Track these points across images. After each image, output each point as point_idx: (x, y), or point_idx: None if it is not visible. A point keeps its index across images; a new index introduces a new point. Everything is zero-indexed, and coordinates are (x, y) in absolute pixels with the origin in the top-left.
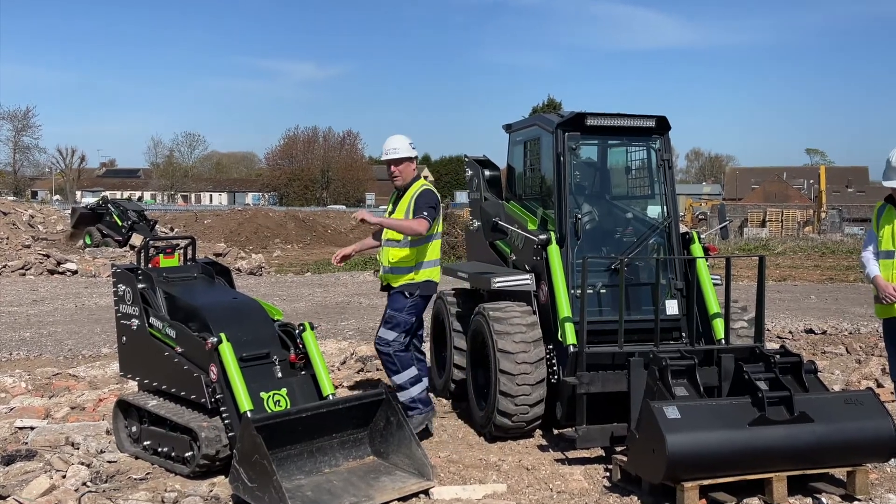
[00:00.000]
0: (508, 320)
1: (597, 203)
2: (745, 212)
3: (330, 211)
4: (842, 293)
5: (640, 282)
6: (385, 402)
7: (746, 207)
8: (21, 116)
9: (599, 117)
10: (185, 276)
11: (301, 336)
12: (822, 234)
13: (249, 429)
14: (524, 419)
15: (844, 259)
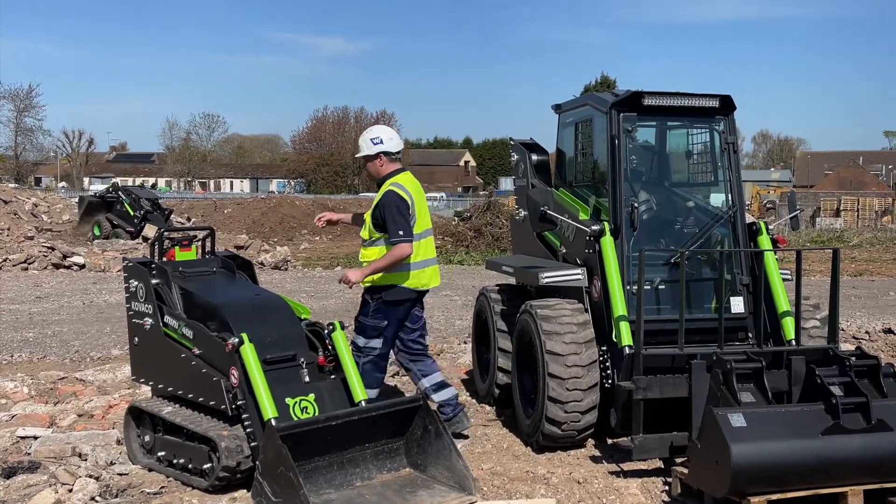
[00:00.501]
0: (558, 319)
1: (655, 190)
2: (818, 200)
3: (362, 199)
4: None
5: (703, 277)
6: (422, 408)
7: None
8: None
9: (658, 96)
10: (204, 270)
11: (330, 336)
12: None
13: (274, 438)
14: (575, 427)
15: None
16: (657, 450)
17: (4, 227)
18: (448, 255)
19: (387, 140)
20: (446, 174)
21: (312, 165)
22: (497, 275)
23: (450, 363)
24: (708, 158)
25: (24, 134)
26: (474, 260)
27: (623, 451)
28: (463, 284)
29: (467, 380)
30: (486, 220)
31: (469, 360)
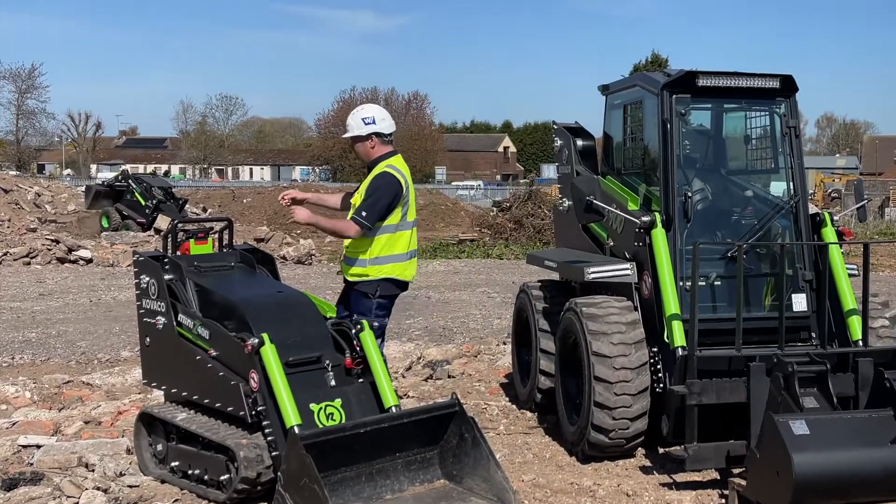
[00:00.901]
0: (605, 318)
1: (710, 178)
2: (887, 189)
3: None
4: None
5: (762, 272)
6: (458, 414)
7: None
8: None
9: (713, 76)
10: (221, 265)
11: (358, 337)
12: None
13: (297, 447)
14: (623, 435)
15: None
16: (712, 460)
17: (5, 218)
18: (486, 249)
19: (379, 120)
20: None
21: (339, 151)
22: (539, 270)
23: (488, 366)
24: (768, 144)
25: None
26: (514, 254)
27: (675, 462)
28: (502, 280)
29: (507, 384)
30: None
31: (508, 362)
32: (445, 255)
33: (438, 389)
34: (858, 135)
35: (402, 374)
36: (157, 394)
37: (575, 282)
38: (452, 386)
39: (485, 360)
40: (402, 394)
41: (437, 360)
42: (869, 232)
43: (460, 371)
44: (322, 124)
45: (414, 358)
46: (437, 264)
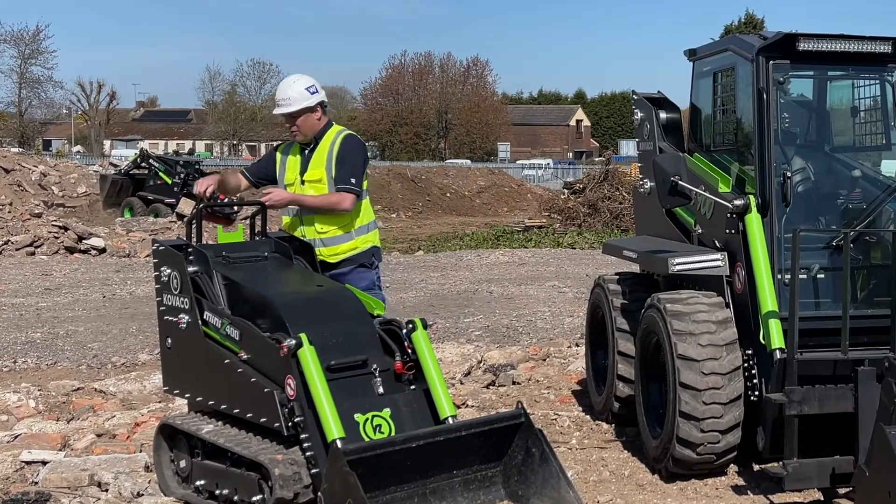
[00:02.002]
0: (692, 316)
1: (812, 156)
2: None
3: (449, 167)
4: None
5: (872, 263)
6: (524, 426)
7: None
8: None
9: (816, 39)
10: (253, 255)
11: (410, 338)
12: None
13: (340, 463)
14: (713, 450)
15: None
16: (815, 478)
17: (6, 201)
18: (557, 237)
19: (320, 89)
20: (554, 136)
21: (387, 125)
22: (617, 261)
23: (558, 371)
24: (878, 116)
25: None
26: (588, 242)
27: (773, 480)
28: (574, 273)
29: (580, 391)
30: (603, 193)
31: (582, 366)
32: (510, 244)
33: (501, 398)
34: None
35: (459, 380)
36: (180, 402)
37: (658, 274)
38: (518, 394)
39: (554, 365)
40: (460, 403)
41: (500, 364)
42: None
43: (526, 377)
44: (368, 95)
45: (474, 362)
46: (499, 254)
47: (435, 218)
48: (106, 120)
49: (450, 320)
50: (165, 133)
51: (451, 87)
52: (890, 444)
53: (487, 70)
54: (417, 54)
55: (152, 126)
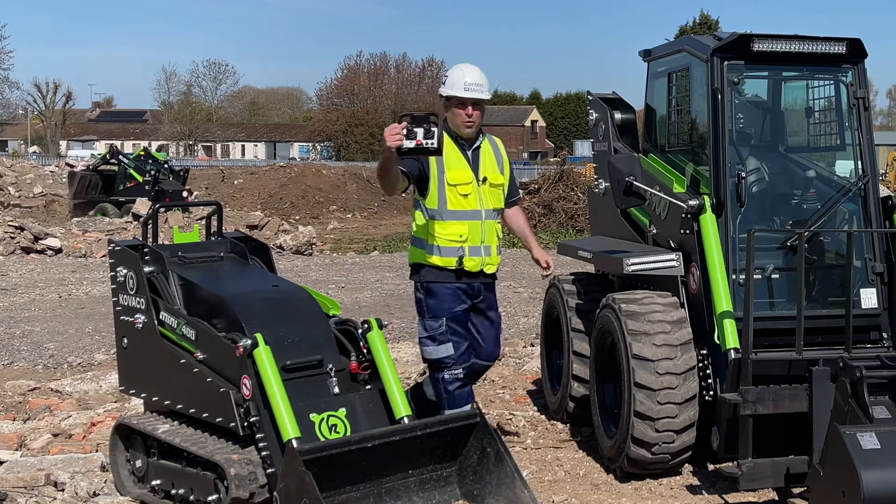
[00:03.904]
0: (647, 316)
1: (767, 157)
2: None
3: None
4: None
5: (826, 264)
6: (479, 426)
7: None
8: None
9: (770, 40)
10: (209, 255)
11: (365, 337)
12: None
13: (296, 463)
14: (668, 450)
15: None
16: (770, 478)
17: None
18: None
19: None
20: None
21: (343, 126)
22: (572, 261)
23: (513, 370)
24: (832, 117)
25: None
26: (544, 243)
27: (728, 480)
28: (529, 273)
29: (535, 391)
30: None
31: (537, 366)
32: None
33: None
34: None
35: (415, 379)
36: (136, 402)
37: (613, 275)
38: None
39: (510, 365)
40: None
41: None
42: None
43: (482, 377)
44: (324, 95)
45: None
46: None
47: (390, 218)
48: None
49: (405, 320)
50: (121, 133)
51: (406, 87)
52: (844, 443)
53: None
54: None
55: (108, 126)
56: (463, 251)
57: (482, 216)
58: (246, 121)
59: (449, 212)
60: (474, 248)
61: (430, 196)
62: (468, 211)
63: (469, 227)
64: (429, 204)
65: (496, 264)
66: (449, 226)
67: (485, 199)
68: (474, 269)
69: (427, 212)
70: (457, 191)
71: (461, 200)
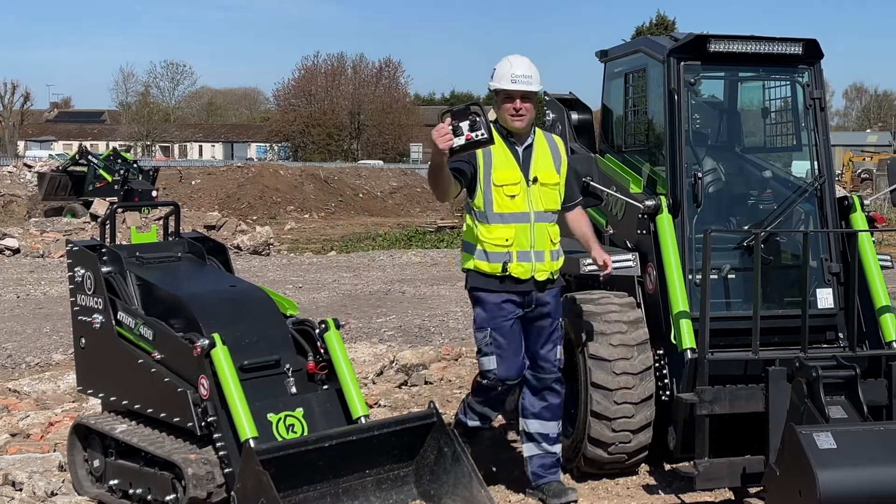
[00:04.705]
0: (603, 316)
1: (723, 157)
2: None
3: (362, 168)
4: None
5: (782, 264)
6: (436, 426)
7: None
8: None
9: (726, 41)
10: (166, 256)
11: (323, 337)
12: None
13: (253, 463)
14: (625, 450)
15: None
16: (726, 477)
17: None
18: None
19: None
20: None
21: (300, 126)
22: None
23: (470, 370)
24: (789, 117)
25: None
26: None
27: (684, 479)
28: None
29: None
30: None
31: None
32: (422, 245)
33: (414, 397)
34: (892, 107)
35: (372, 379)
36: (94, 402)
37: (569, 275)
38: (430, 393)
39: (467, 365)
40: (373, 402)
41: (413, 363)
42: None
43: (439, 377)
44: (281, 96)
45: (386, 361)
46: (412, 255)
47: (348, 218)
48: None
49: (362, 320)
50: (79, 134)
51: (363, 88)
52: (800, 443)
53: (400, 71)
54: (330, 55)
55: (66, 127)
56: (509, 256)
57: (531, 219)
58: (203, 121)
59: (495, 214)
60: (523, 252)
61: (477, 197)
62: (516, 213)
63: (517, 231)
64: (475, 205)
65: (550, 270)
66: (495, 229)
67: (535, 201)
68: (523, 277)
69: (474, 213)
70: (503, 191)
71: (508, 202)
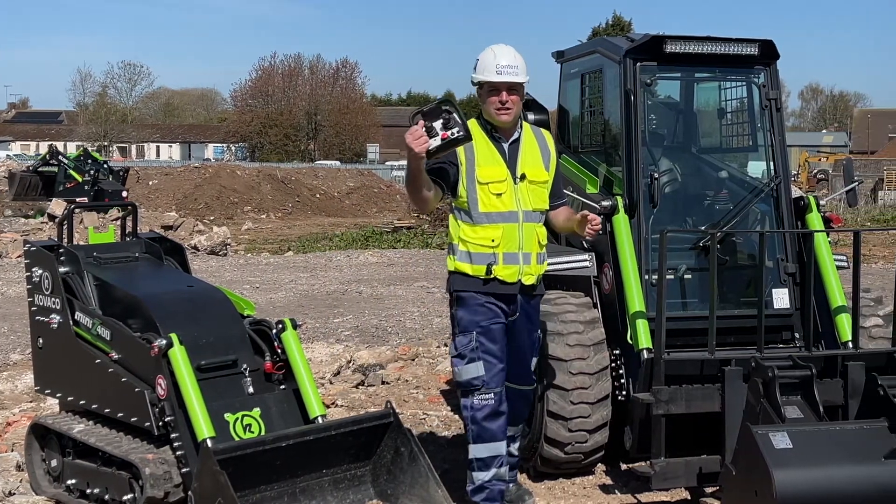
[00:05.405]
0: (560, 316)
1: (679, 158)
2: (880, 169)
3: (319, 168)
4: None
5: (738, 264)
6: (393, 426)
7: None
8: None
9: (682, 42)
10: (124, 256)
11: (280, 338)
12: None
13: (210, 462)
14: (581, 449)
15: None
16: (682, 477)
17: None
18: (426, 238)
19: None
20: None
21: (257, 127)
22: None
23: (427, 370)
24: (745, 118)
25: None
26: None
27: (640, 479)
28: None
29: (448, 391)
30: None
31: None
32: (379, 245)
33: (371, 397)
34: (848, 108)
35: (329, 379)
36: (52, 402)
37: None
38: (387, 393)
39: (423, 365)
40: (330, 402)
41: (370, 363)
42: (860, 218)
43: (395, 377)
44: (238, 96)
45: (343, 361)
46: (369, 255)
47: (305, 219)
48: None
49: (319, 320)
50: (37, 134)
51: (320, 88)
52: (756, 443)
53: (357, 72)
54: (287, 56)
55: (23, 127)
56: (495, 258)
57: (519, 218)
58: (160, 122)
59: (481, 213)
60: (510, 254)
61: (461, 196)
62: (503, 213)
63: (504, 231)
64: (459, 204)
65: (537, 274)
66: (480, 229)
67: (523, 199)
68: (510, 280)
69: (458, 213)
70: (489, 189)
71: (494, 201)
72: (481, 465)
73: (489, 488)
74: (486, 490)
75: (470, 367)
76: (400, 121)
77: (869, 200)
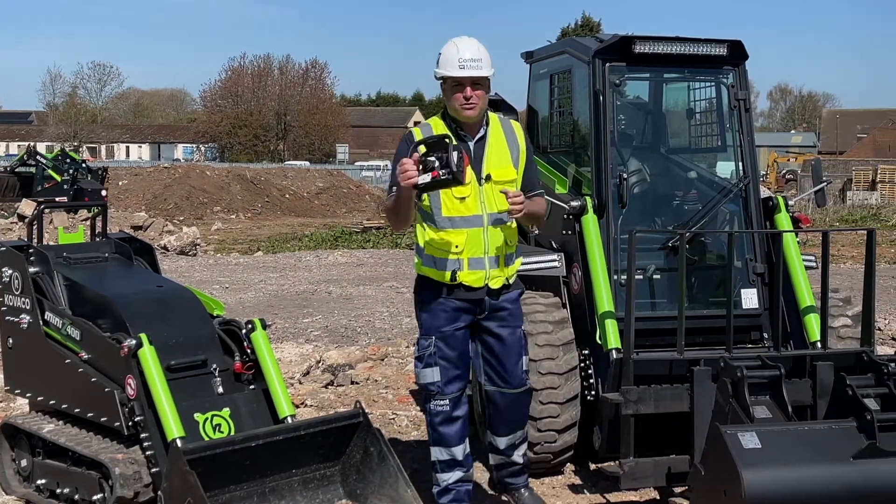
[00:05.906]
0: (529, 316)
1: (648, 158)
2: (849, 169)
3: (288, 169)
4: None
5: (707, 264)
6: (362, 426)
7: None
8: None
9: (651, 42)
10: (93, 256)
11: (249, 338)
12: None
13: (180, 462)
14: (550, 449)
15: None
16: (651, 477)
17: None
18: (395, 238)
19: None
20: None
21: (227, 127)
22: None
23: (396, 370)
24: (714, 118)
25: None
26: None
27: (609, 479)
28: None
29: (418, 391)
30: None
31: None
32: (348, 245)
33: (340, 397)
34: (817, 109)
35: (298, 379)
36: (22, 402)
37: None
38: (356, 393)
39: (393, 365)
40: (299, 402)
41: (339, 363)
42: (828, 219)
43: (365, 377)
44: (208, 96)
45: (312, 361)
46: (338, 255)
47: (274, 219)
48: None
49: (289, 320)
50: (7, 135)
51: (290, 89)
52: (725, 443)
53: (326, 72)
54: (257, 56)
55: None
56: (459, 264)
57: (484, 222)
58: (130, 122)
59: (444, 218)
60: (475, 259)
61: (423, 200)
62: (467, 217)
63: (468, 237)
64: (423, 206)
65: (505, 276)
66: (444, 234)
67: (488, 202)
68: (476, 285)
69: (422, 214)
70: (451, 193)
71: (457, 205)
72: (444, 467)
73: (455, 489)
74: (451, 492)
75: (426, 372)
76: (369, 121)
77: (837, 201)
